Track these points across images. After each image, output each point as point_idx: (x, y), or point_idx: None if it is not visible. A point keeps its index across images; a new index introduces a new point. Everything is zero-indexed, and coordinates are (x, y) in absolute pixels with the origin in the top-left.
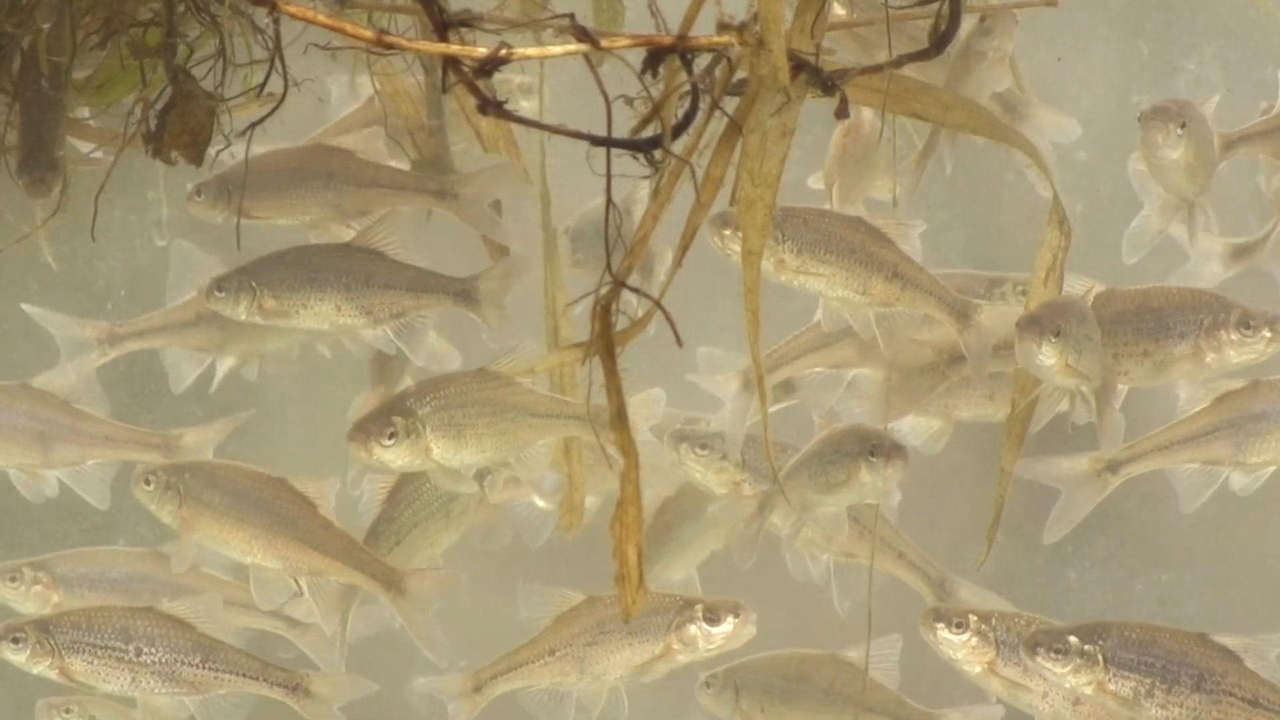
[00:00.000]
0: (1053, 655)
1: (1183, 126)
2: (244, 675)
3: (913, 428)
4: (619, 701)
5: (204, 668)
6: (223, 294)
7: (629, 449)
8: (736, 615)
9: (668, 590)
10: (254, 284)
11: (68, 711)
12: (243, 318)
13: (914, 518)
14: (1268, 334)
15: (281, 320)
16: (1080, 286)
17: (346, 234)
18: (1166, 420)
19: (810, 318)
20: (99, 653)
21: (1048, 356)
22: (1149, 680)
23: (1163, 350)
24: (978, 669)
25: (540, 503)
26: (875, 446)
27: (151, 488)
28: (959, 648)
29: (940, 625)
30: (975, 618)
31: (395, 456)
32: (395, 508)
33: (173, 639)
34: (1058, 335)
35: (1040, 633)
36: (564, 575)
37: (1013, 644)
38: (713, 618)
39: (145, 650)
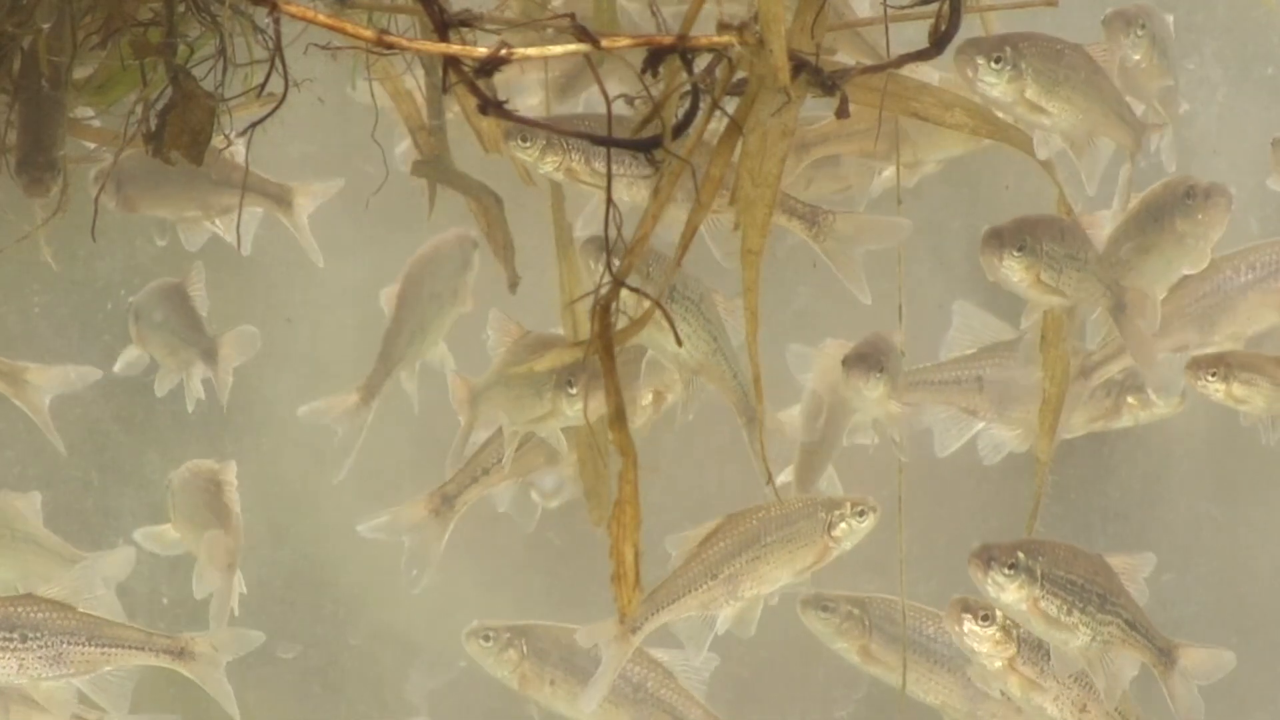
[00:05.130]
0: (1006, 571)
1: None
2: (128, 648)
3: (996, 442)
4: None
5: (90, 645)
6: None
7: (627, 449)
8: (874, 510)
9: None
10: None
11: None
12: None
13: (916, 518)
14: (1203, 202)
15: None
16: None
17: (211, 230)
18: None
19: (811, 317)
20: None
21: (872, 392)
22: (1070, 599)
23: (1149, 238)
24: (998, 664)
25: (543, 503)
26: (847, 357)
27: None
28: (984, 640)
29: (967, 617)
30: (1001, 612)
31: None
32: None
33: (55, 622)
34: (882, 371)
35: (991, 547)
36: (562, 575)
37: (1034, 643)
38: (860, 512)
39: (30, 636)
